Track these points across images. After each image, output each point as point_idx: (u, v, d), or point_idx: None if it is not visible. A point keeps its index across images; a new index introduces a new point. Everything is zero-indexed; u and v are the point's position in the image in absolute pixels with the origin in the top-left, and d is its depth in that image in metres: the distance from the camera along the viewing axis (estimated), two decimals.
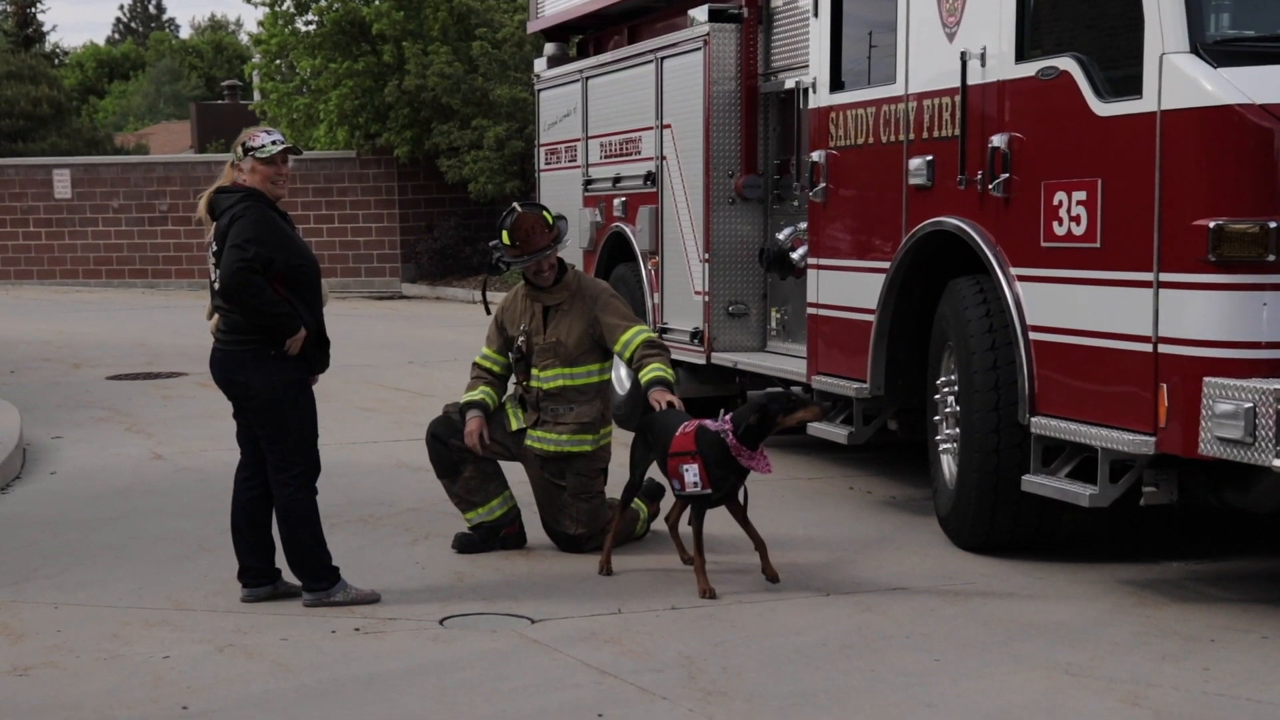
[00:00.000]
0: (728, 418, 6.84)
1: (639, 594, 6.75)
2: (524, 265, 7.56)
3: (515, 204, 7.65)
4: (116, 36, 77.88)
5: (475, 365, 7.78)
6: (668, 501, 8.05)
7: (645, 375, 7.31)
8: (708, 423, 6.86)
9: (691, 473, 6.76)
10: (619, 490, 7.78)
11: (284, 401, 6.52)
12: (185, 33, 76.07)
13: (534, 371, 7.61)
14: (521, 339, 7.64)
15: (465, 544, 7.55)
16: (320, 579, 6.60)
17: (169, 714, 5.27)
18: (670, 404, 7.17)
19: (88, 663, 5.84)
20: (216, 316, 6.84)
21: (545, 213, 7.60)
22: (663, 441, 6.96)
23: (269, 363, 6.48)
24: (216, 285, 6.52)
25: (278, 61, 27.64)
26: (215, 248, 6.50)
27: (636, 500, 7.81)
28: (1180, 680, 5.53)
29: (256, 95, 32.07)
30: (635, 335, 7.49)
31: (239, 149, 6.55)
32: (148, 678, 5.64)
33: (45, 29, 57.28)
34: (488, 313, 7.96)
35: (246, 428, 6.72)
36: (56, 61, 58.69)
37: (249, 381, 6.50)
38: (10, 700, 5.41)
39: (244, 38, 60.35)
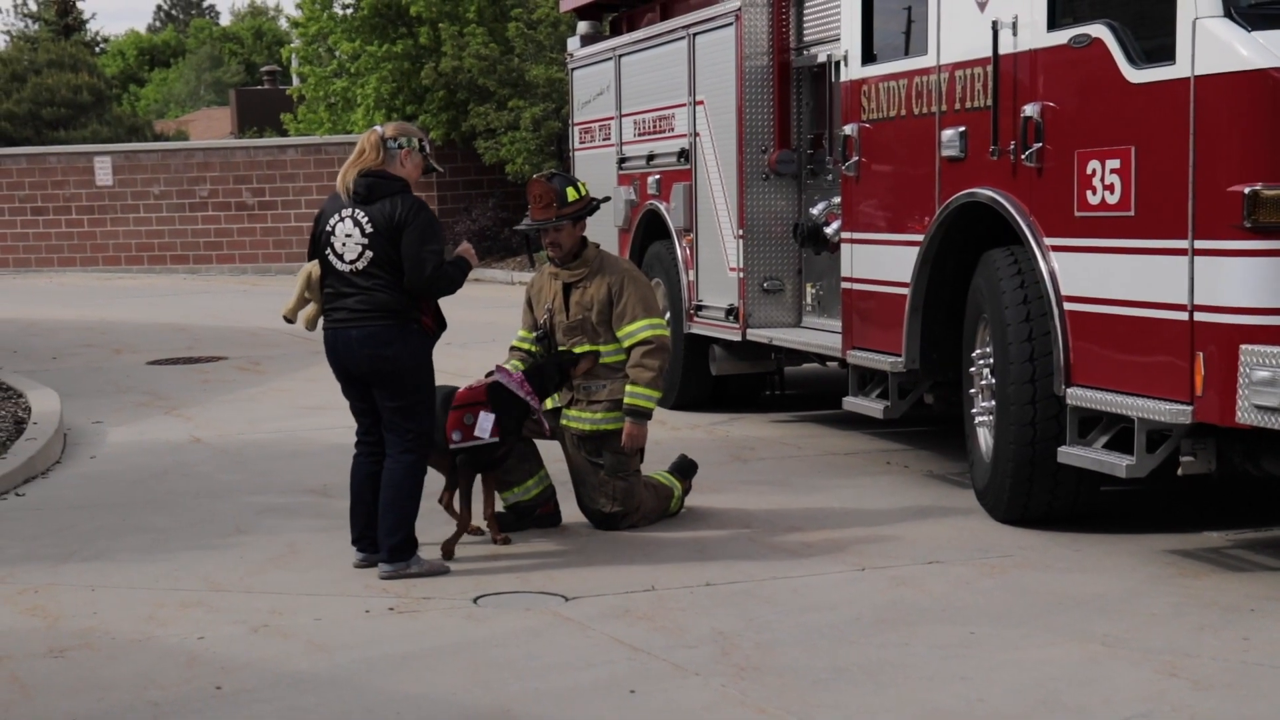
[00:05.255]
0: (517, 376, 7.22)
1: (673, 570, 6.73)
2: (529, 230, 7.73)
3: (544, 172, 7.71)
4: (157, 24, 78.16)
5: (512, 348, 7.81)
6: (701, 479, 8.05)
7: (625, 398, 7.43)
8: (498, 377, 7.20)
9: (485, 420, 7.04)
10: (654, 467, 7.79)
11: (423, 373, 6.73)
12: (225, 19, 76.27)
13: (562, 350, 7.60)
14: (545, 317, 7.64)
15: (501, 523, 7.54)
16: (406, 552, 6.69)
17: (202, 694, 5.29)
18: (632, 440, 7.37)
19: (122, 644, 5.87)
20: (310, 305, 6.86)
21: (571, 188, 7.57)
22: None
23: (415, 335, 6.69)
24: (359, 264, 6.60)
25: (315, 45, 27.71)
26: (370, 229, 6.58)
27: (671, 477, 7.80)
28: (1219, 650, 5.47)
29: (295, 79, 32.18)
30: (637, 330, 7.49)
31: (415, 140, 6.77)
32: (182, 658, 5.67)
33: (85, 17, 57.61)
34: (531, 264, 8.10)
35: (362, 403, 6.83)
36: (97, 49, 58.98)
37: (399, 355, 6.64)
38: (45, 681, 5.44)
39: (283, 23, 60.48)
